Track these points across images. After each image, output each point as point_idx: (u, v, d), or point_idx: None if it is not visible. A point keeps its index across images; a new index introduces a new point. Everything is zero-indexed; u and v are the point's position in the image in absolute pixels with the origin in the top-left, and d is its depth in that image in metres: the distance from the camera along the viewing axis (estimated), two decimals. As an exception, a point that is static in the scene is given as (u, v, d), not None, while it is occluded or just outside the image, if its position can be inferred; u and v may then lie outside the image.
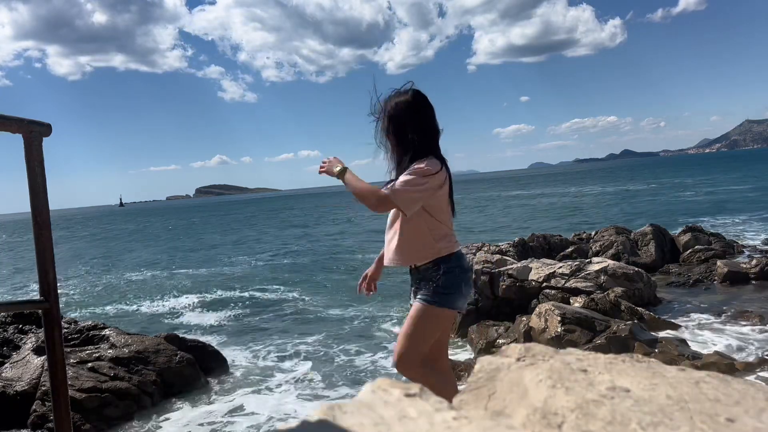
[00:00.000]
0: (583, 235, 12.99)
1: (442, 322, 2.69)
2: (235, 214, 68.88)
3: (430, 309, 2.61)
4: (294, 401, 5.92)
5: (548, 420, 0.68)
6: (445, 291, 2.61)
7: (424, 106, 2.67)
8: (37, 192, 1.33)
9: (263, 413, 5.66)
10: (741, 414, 0.68)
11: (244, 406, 5.86)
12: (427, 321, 2.61)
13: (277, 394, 6.14)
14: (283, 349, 7.86)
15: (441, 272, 2.61)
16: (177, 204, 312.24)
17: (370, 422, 0.61)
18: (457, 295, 2.64)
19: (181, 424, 5.56)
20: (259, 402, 5.95)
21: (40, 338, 5.98)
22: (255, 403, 5.94)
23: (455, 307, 2.66)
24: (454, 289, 2.62)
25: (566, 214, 27.17)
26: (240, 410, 5.78)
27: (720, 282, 8.92)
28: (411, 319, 2.64)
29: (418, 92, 2.68)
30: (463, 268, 2.69)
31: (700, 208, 24.03)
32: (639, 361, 0.84)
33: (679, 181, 51.38)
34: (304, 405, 5.77)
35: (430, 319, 2.62)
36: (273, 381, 6.57)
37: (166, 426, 5.55)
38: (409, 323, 2.64)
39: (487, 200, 49.15)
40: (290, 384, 6.42)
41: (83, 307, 13.07)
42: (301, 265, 17.80)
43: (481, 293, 7.90)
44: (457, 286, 2.63)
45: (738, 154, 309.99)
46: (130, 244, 33.11)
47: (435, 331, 2.67)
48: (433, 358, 2.85)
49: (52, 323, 1.35)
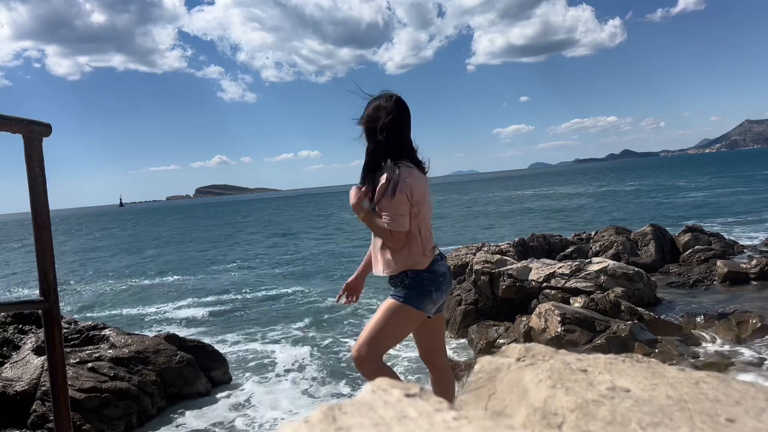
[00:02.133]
0: (583, 235, 12.99)
1: (409, 322, 2.70)
2: (234, 214, 68.90)
3: (398, 306, 2.64)
4: (294, 401, 5.92)
5: (548, 420, 0.68)
6: (413, 291, 2.65)
7: (405, 111, 2.74)
8: (37, 192, 1.33)
9: (263, 413, 5.67)
10: (741, 414, 0.68)
11: (244, 406, 5.86)
12: (393, 317, 2.63)
13: (277, 394, 6.14)
14: (283, 348, 7.86)
15: (410, 275, 2.67)
16: (177, 204, 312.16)
17: (370, 422, 0.61)
18: (424, 297, 2.66)
19: (181, 424, 5.57)
20: (259, 402, 5.95)
21: (40, 338, 5.97)
22: (255, 402, 5.94)
23: (422, 308, 2.66)
24: (422, 291, 2.65)
25: (567, 215, 27.18)
26: (240, 410, 5.78)
27: (720, 282, 8.92)
28: (379, 314, 2.67)
29: (400, 99, 2.76)
30: (434, 273, 2.70)
31: (700, 208, 24.03)
32: (639, 361, 0.84)
33: (684, 182, 51.37)
34: (304, 405, 5.77)
35: (397, 316, 2.64)
36: (273, 381, 6.57)
37: (166, 426, 5.55)
38: (376, 318, 2.67)
39: (487, 200, 49.16)
40: (290, 384, 6.43)
41: (83, 308, 13.07)
42: (301, 265, 17.80)
43: (481, 293, 7.90)
44: (425, 288, 2.66)
45: (738, 154, 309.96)
46: (129, 245, 33.11)
47: (402, 329, 2.69)
48: (429, 355, 2.88)
49: (52, 323, 1.35)
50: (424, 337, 2.85)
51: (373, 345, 2.60)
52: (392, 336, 2.69)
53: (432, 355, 2.87)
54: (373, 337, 2.61)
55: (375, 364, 2.59)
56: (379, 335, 2.61)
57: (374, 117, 2.70)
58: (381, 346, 2.64)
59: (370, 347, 2.59)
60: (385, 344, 2.67)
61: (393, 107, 2.70)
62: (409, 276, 2.66)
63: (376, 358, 2.61)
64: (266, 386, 6.40)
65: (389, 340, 2.68)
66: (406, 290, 2.67)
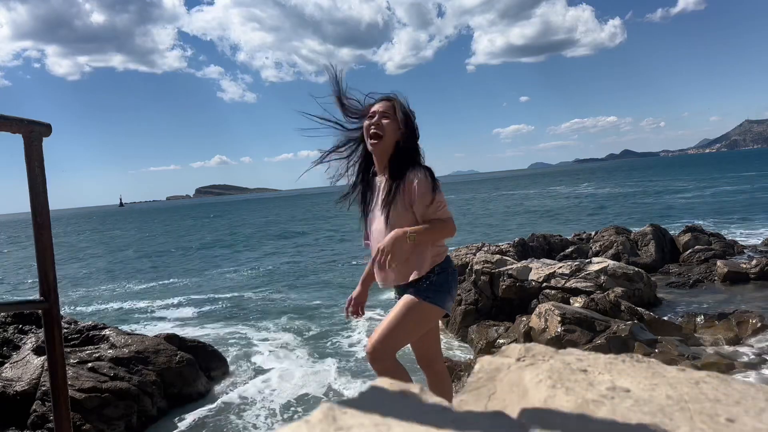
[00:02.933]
0: (583, 235, 12.99)
1: (430, 320, 2.62)
2: (234, 214, 68.87)
3: (421, 304, 2.54)
4: (294, 401, 5.92)
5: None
6: (440, 288, 2.57)
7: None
8: (37, 192, 1.33)
9: (263, 413, 5.67)
10: (741, 414, 0.68)
11: (244, 406, 5.86)
12: (414, 315, 2.54)
13: (277, 394, 6.14)
14: (283, 348, 7.86)
15: (436, 272, 2.58)
16: (177, 204, 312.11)
17: (370, 422, 0.61)
18: (447, 295, 2.59)
19: (181, 423, 5.56)
20: (259, 402, 5.95)
21: (40, 338, 5.97)
22: (255, 402, 5.94)
23: (445, 306, 2.59)
24: (446, 288, 2.59)
25: (567, 215, 27.18)
26: (240, 409, 5.78)
27: (720, 282, 8.92)
28: (398, 310, 2.55)
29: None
30: (454, 269, 2.68)
31: (700, 208, 24.03)
32: (639, 361, 0.84)
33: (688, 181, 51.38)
34: (303, 405, 5.77)
35: (419, 314, 2.54)
36: (273, 380, 6.57)
37: (166, 426, 5.55)
38: (394, 314, 2.54)
39: (487, 200, 49.16)
40: (290, 384, 6.42)
41: (83, 307, 13.07)
42: (298, 266, 17.80)
43: (481, 293, 7.90)
44: (449, 285, 2.60)
45: (738, 154, 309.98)
46: (128, 246, 33.10)
47: (420, 327, 2.60)
48: (427, 360, 2.80)
49: (52, 323, 1.35)
50: (425, 340, 2.76)
51: (388, 342, 2.50)
52: (409, 334, 2.58)
53: (431, 360, 2.80)
54: (389, 334, 2.50)
55: (389, 362, 2.51)
56: (396, 332, 2.51)
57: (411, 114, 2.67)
58: (397, 343, 2.54)
59: (385, 344, 2.50)
60: (401, 342, 2.57)
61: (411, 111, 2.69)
62: (435, 273, 2.57)
63: (390, 355, 2.52)
64: (266, 386, 6.40)
65: (405, 338, 2.58)
66: (432, 287, 2.56)
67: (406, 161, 2.58)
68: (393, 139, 2.60)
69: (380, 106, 2.62)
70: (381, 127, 2.58)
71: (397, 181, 2.55)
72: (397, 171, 2.57)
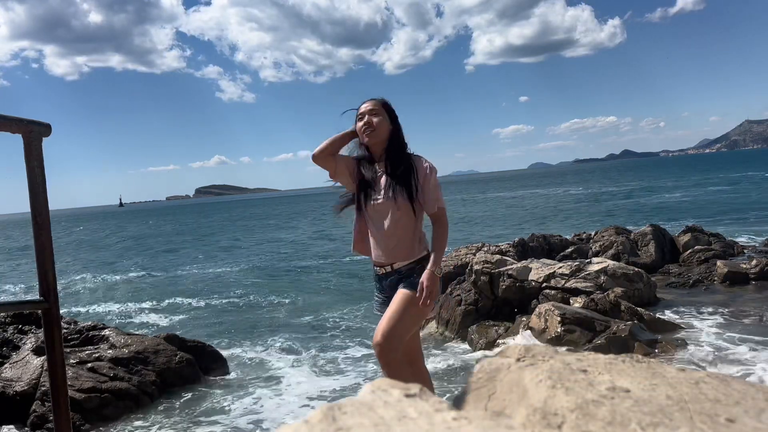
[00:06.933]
0: (583, 235, 12.98)
1: (425, 314, 2.82)
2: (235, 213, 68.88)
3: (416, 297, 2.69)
4: (294, 401, 5.92)
5: (548, 420, 0.68)
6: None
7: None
8: (37, 192, 1.33)
9: (263, 413, 5.66)
10: (741, 414, 0.68)
11: (244, 406, 5.86)
12: (413, 310, 2.70)
13: (277, 394, 6.14)
14: (282, 348, 7.86)
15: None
16: (177, 204, 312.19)
17: (370, 422, 0.61)
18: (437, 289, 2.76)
19: (181, 424, 5.56)
20: (259, 401, 5.95)
21: (39, 338, 5.97)
22: (255, 402, 5.93)
23: (438, 299, 2.82)
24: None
25: (567, 215, 27.18)
26: (239, 410, 5.77)
27: (720, 282, 8.92)
28: (398, 304, 2.71)
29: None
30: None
31: (700, 208, 24.04)
32: (639, 361, 0.84)
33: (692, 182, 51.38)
34: (303, 405, 5.77)
35: (417, 308, 2.70)
36: (272, 381, 6.56)
37: (166, 426, 5.55)
38: (396, 308, 2.70)
39: (487, 200, 49.16)
40: (290, 384, 6.42)
41: (83, 307, 13.07)
42: (297, 266, 17.80)
43: (481, 293, 7.89)
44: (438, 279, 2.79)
45: (738, 154, 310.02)
46: (128, 246, 33.10)
47: (418, 320, 2.81)
48: (411, 357, 2.90)
49: (52, 323, 1.35)
50: (411, 337, 2.88)
51: (394, 335, 2.66)
52: (409, 327, 2.75)
53: (415, 357, 2.93)
54: (393, 327, 2.66)
55: (396, 354, 2.67)
56: (399, 326, 2.67)
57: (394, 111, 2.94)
58: (402, 336, 2.70)
59: (391, 337, 2.65)
60: (405, 334, 2.73)
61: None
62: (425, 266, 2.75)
63: (397, 348, 2.67)
64: (266, 386, 6.39)
65: (406, 332, 2.74)
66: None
67: (402, 148, 2.88)
68: (385, 129, 2.86)
69: (367, 106, 2.89)
70: (372, 123, 2.81)
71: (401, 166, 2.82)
72: (396, 157, 2.85)
